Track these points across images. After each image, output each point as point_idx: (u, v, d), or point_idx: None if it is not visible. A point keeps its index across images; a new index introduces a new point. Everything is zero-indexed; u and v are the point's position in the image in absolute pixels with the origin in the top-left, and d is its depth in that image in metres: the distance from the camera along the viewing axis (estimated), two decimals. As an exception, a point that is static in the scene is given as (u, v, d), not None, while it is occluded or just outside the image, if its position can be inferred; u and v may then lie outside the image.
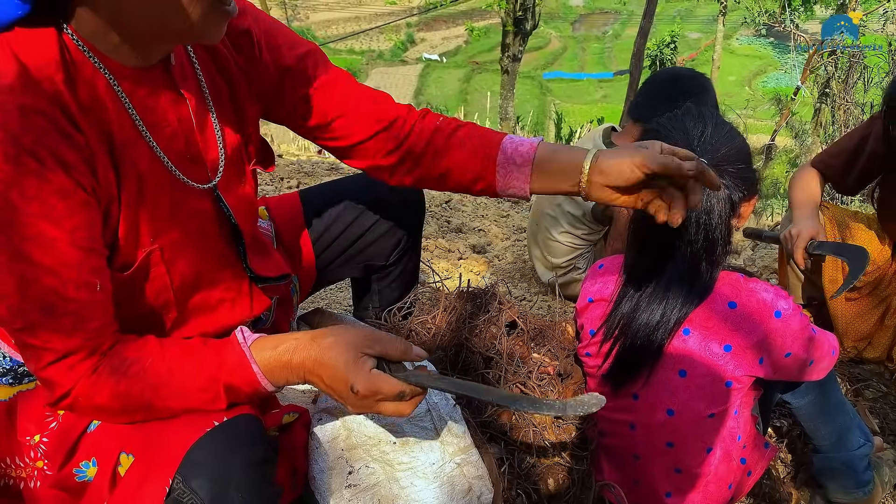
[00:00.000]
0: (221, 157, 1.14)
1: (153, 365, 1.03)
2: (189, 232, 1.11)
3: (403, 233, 1.60)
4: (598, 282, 1.55)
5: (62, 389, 0.99)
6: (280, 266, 1.34)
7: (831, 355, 1.47)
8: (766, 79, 36.75)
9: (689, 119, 1.39)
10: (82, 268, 0.95)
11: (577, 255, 2.64)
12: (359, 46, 43.25)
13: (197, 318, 1.17)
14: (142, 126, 1.02)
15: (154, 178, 1.04)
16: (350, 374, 1.02)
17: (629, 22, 43.71)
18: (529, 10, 10.06)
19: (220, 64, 1.15)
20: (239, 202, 1.19)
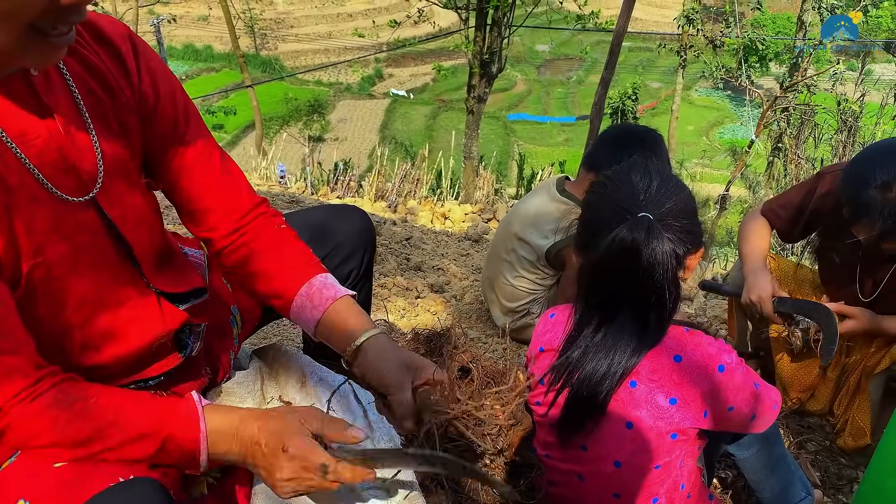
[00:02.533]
0: (100, 168, 1.10)
1: (98, 404, 1.02)
2: (78, 246, 1.07)
3: (355, 265, 1.59)
4: (549, 331, 1.57)
5: None
6: (191, 280, 1.29)
7: (772, 409, 1.51)
8: (723, 130, 37.87)
9: (635, 173, 1.42)
10: None
11: (532, 299, 2.66)
12: (326, 78, 43.40)
13: (108, 340, 1.13)
14: (6, 138, 0.99)
15: (26, 191, 1.00)
16: (286, 436, 1.07)
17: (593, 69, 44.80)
18: (496, 53, 10.27)
19: (96, 74, 1.12)
20: (126, 214, 1.15)
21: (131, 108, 1.18)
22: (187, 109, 1.28)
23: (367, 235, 1.63)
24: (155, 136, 1.23)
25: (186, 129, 1.26)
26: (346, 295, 1.31)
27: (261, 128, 17.77)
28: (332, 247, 1.55)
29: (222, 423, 1.09)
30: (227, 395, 1.44)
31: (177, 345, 1.26)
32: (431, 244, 4.43)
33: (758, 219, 2.32)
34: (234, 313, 1.49)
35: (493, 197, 9.58)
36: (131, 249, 1.17)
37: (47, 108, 1.04)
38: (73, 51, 1.10)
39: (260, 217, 1.35)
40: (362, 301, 1.67)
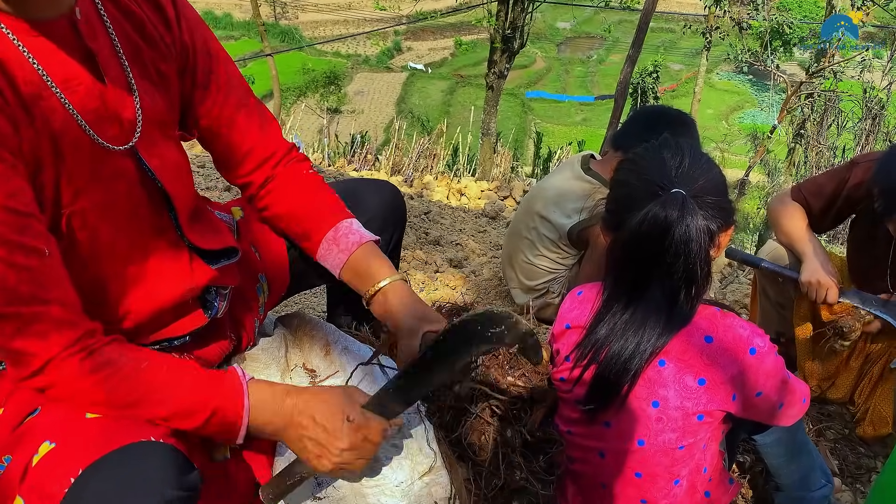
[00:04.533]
0: (139, 117, 1.10)
1: (150, 369, 1.03)
2: (115, 195, 1.08)
3: (385, 240, 1.58)
4: (576, 308, 1.55)
5: (41, 360, 0.97)
6: (224, 239, 1.31)
7: (802, 403, 1.49)
8: (743, 115, 37.44)
9: (666, 150, 1.40)
10: (25, 234, 0.93)
11: (552, 278, 2.65)
12: (345, 50, 43.16)
13: (137, 291, 1.14)
14: (51, 82, 0.98)
15: (69, 136, 1.00)
16: (347, 407, 1.11)
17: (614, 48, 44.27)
18: (518, 29, 10.15)
19: (135, 23, 1.13)
20: (165, 165, 1.15)
21: (170, 58, 1.18)
22: (224, 58, 1.29)
23: (399, 212, 1.63)
24: (194, 86, 1.23)
25: (226, 77, 1.27)
26: (371, 240, 1.38)
27: (279, 98, 17.73)
28: (363, 221, 1.54)
29: (265, 396, 1.11)
30: (252, 361, 1.44)
31: (202, 305, 1.26)
32: (449, 219, 4.41)
33: (791, 203, 2.28)
34: (261, 281, 1.49)
35: (510, 175, 9.54)
36: (170, 200, 1.17)
37: (91, 54, 1.03)
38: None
39: (292, 162, 1.39)
40: None
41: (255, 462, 1.29)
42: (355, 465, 1.13)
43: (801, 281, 2.14)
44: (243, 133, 1.31)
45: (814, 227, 2.30)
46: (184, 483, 0.97)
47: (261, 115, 1.34)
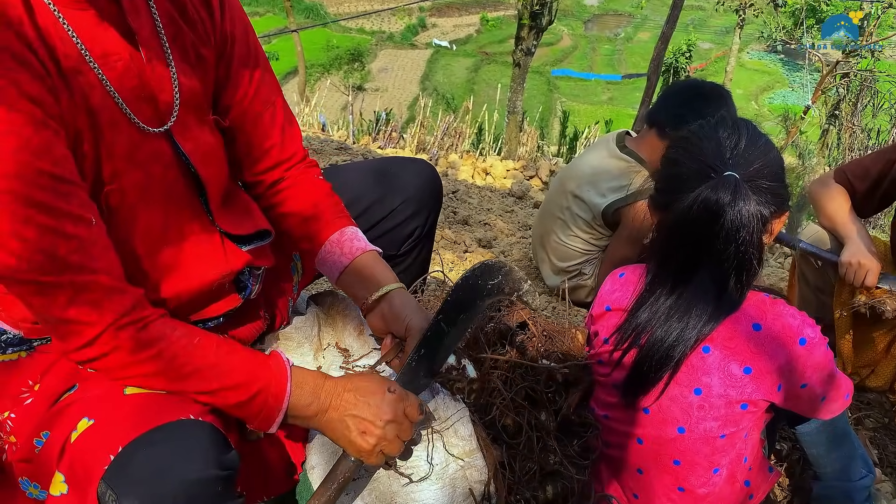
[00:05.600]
0: (176, 99, 1.08)
1: (202, 344, 1.04)
2: (151, 177, 1.06)
3: (420, 223, 1.56)
4: (618, 290, 1.52)
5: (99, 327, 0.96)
6: (256, 222, 1.29)
7: (844, 399, 1.44)
8: (773, 95, 36.80)
9: (722, 129, 1.35)
10: (72, 202, 0.91)
11: (585, 259, 2.60)
12: (369, 26, 42.98)
13: (171, 274, 1.12)
14: (90, 57, 0.96)
15: (106, 113, 0.98)
16: (385, 381, 1.13)
17: (642, 26, 43.63)
18: (547, 5, 9.98)
19: (177, 5, 1.10)
20: (198, 149, 1.13)
21: (209, 43, 1.16)
22: (260, 53, 1.27)
23: (436, 192, 1.60)
24: (229, 75, 1.21)
25: (260, 72, 1.25)
26: (374, 250, 1.35)
27: (304, 74, 17.68)
28: (399, 201, 1.53)
29: (306, 378, 1.11)
30: (285, 340, 1.42)
31: (236, 286, 1.25)
32: (477, 199, 4.37)
33: (834, 185, 2.21)
34: (295, 261, 1.47)
35: (536, 154, 9.45)
36: (202, 185, 1.15)
37: (132, 31, 1.01)
38: None
39: (303, 166, 1.36)
40: (422, 261, 1.64)
41: (289, 442, 1.28)
42: (394, 446, 1.12)
43: (841, 261, 2.08)
44: (265, 131, 1.28)
45: (857, 210, 2.22)
46: (223, 462, 0.96)
47: (285, 117, 1.31)
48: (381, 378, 1.16)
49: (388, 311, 1.28)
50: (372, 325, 1.33)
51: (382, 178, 1.50)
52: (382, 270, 1.32)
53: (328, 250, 1.32)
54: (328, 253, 1.32)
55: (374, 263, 1.32)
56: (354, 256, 1.31)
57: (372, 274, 1.30)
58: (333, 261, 1.32)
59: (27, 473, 1.07)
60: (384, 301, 1.28)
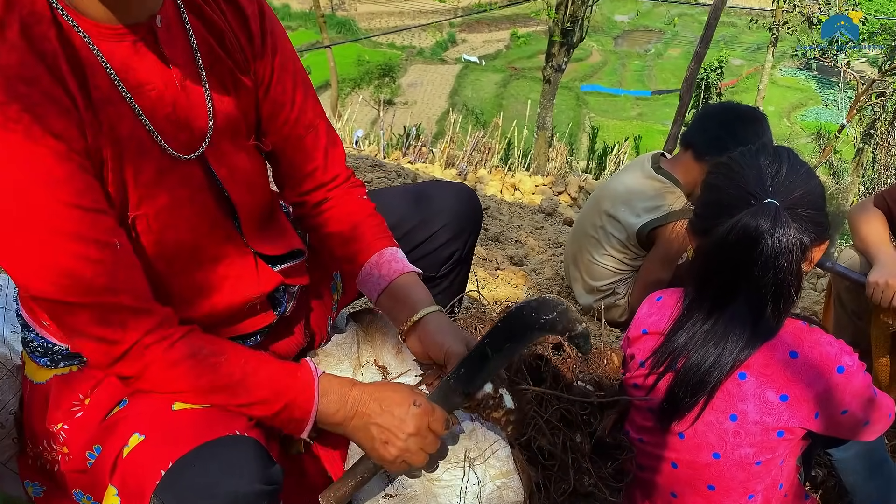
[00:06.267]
0: (210, 126, 1.11)
1: (230, 361, 1.06)
2: (180, 200, 1.09)
3: (458, 246, 1.58)
4: (655, 314, 1.52)
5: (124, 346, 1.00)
6: (289, 242, 1.31)
7: (888, 419, 1.43)
8: (806, 113, 36.32)
9: (763, 156, 1.36)
10: (96, 228, 0.96)
11: (618, 279, 2.61)
12: (400, 42, 43.34)
13: (202, 296, 1.15)
14: (122, 88, 0.99)
15: (135, 142, 1.01)
16: (412, 394, 1.12)
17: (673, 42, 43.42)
18: (578, 22, 10.01)
19: (216, 33, 1.13)
20: (233, 174, 1.16)
21: (249, 70, 1.18)
22: (303, 77, 1.29)
23: (475, 218, 1.61)
24: (270, 102, 1.23)
25: (302, 98, 1.27)
26: (413, 271, 1.35)
27: (336, 89, 17.89)
28: (439, 225, 1.54)
29: (332, 386, 1.12)
30: (325, 357, 1.45)
31: (271, 303, 1.28)
32: (507, 215, 4.38)
33: (872, 209, 2.19)
34: (335, 280, 1.49)
35: (566, 170, 9.44)
36: (234, 208, 1.18)
37: (167, 60, 1.04)
38: (196, 6, 1.10)
39: (347, 186, 1.38)
40: (460, 283, 1.66)
41: (328, 457, 1.30)
42: (418, 457, 1.12)
43: (868, 281, 2.06)
44: (308, 154, 1.31)
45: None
46: (268, 476, 0.99)
47: (328, 139, 1.33)
48: (409, 390, 1.16)
49: (424, 335, 1.27)
50: (410, 349, 1.34)
51: (423, 202, 1.53)
52: (420, 293, 1.32)
53: (368, 271, 1.34)
54: (368, 274, 1.34)
55: (411, 286, 1.32)
56: (393, 278, 1.32)
57: (409, 296, 1.31)
58: (373, 282, 1.33)
59: (80, 485, 1.11)
60: (421, 325, 1.28)
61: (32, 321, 1.15)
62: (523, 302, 1.17)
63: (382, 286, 1.32)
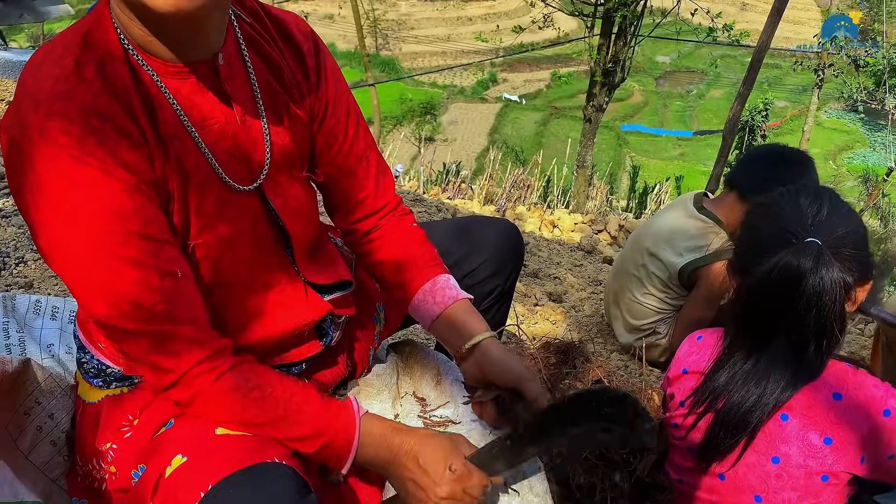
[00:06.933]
0: (267, 159, 1.15)
1: (274, 396, 1.09)
2: (238, 231, 1.13)
3: (500, 282, 1.59)
4: (695, 353, 1.51)
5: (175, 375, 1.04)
6: (339, 272, 1.35)
7: None
8: (853, 155, 35.66)
9: (804, 197, 1.35)
10: (159, 257, 1.00)
11: (659, 318, 2.58)
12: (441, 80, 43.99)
13: (255, 322, 1.19)
14: (187, 123, 1.04)
15: (200, 174, 1.06)
16: (451, 455, 1.13)
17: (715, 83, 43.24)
18: (620, 62, 10.06)
19: (274, 68, 1.17)
20: (288, 204, 1.20)
21: (304, 104, 1.23)
22: (356, 110, 1.34)
23: (518, 253, 1.63)
24: (324, 134, 1.28)
25: (354, 130, 1.32)
26: (467, 298, 1.37)
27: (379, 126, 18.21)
28: (481, 260, 1.55)
29: (374, 431, 1.14)
30: (366, 387, 1.47)
31: (318, 333, 1.31)
32: (546, 252, 4.38)
33: None
34: (378, 311, 1.52)
35: (605, 208, 9.40)
36: (288, 238, 1.22)
37: (228, 96, 1.09)
38: (256, 44, 1.16)
39: (397, 214, 1.41)
40: (499, 320, 1.67)
41: (365, 490, 1.31)
42: None
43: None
44: (360, 184, 1.35)
45: None
46: None
47: (378, 169, 1.37)
48: (451, 447, 1.16)
49: (484, 359, 1.29)
50: (467, 373, 1.35)
51: (466, 236, 1.55)
52: (475, 319, 1.34)
53: (421, 298, 1.36)
54: (421, 301, 1.36)
55: (466, 312, 1.35)
56: (447, 305, 1.34)
57: (464, 322, 1.33)
58: (426, 308, 1.36)
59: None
60: (478, 349, 1.30)
61: (89, 343, 1.20)
62: (586, 390, 1.16)
63: (437, 312, 1.35)
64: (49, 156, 0.92)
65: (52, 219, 0.94)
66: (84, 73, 0.95)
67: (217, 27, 1.05)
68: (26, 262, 2.10)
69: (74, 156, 0.92)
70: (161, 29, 0.98)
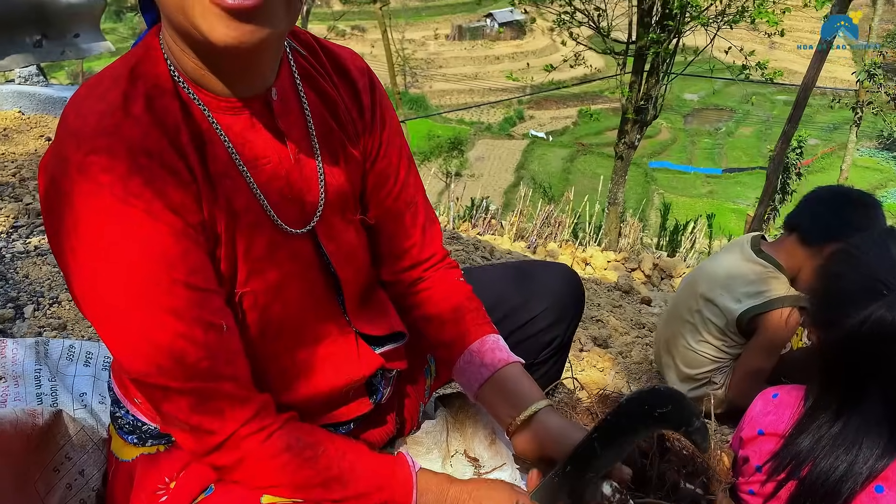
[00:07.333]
0: (321, 200, 1.07)
1: (327, 455, 1.01)
2: (288, 277, 1.04)
3: (560, 332, 1.48)
4: (772, 413, 1.39)
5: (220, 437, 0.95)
6: (391, 323, 1.25)
7: None
8: (887, 193, 35.17)
9: (893, 242, 1.24)
10: (204, 309, 0.91)
11: (715, 367, 2.45)
12: (469, 117, 44.40)
13: (302, 376, 1.10)
14: (239, 161, 0.97)
15: (250, 216, 0.98)
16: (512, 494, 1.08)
17: (744, 121, 43.11)
18: (652, 99, 10.01)
19: (330, 104, 1.10)
20: (340, 249, 1.12)
21: (358, 143, 1.15)
22: (407, 152, 1.26)
23: (579, 302, 1.52)
24: (375, 174, 1.20)
25: (405, 174, 1.24)
26: (518, 361, 1.26)
27: (407, 161, 18.31)
28: (540, 308, 1.45)
29: (430, 485, 1.08)
30: (415, 445, 1.38)
31: (367, 389, 1.22)
32: (587, 292, 4.26)
33: None
34: (429, 363, 1.43)
35: (639, 246, 9.27)
36: (339, 285, 1.13)
37: (281, 133, 1.02)
38: (311, 79, 1.08)
39: (443, 267, 1.32)
40: (555, 372, 1.57)
41: None
42: None
43: None
44: (406, 231, 1.26)
45: None
46: None
47: (426, 217, 1.29)
48: (509, 489, 1.09)
49: (542, 432, 1.17)
50: (520, 449, 1.22)
51: (524, 282, 1.45)
52: (528, 385, 1.22)
53: (468, 360, 1.25)
54: (468, 363, 1.25)
55: (519, 377, 1.23)
56: (497, 368, 1.22)
57: (518, 389, 1.21)
58: (473, 372, 1.24)
59: None
60: (535, 421, 1.18)
61: (124, 397, 1.12)
62: (635, 393, 1.09)
63: (485, 376, 1.23)
64: (89, 194, 0.84)
65: (89, 263, 0.86)
66: (131, 107, 0.88)
67: (272, 60, 0.97)
68: (60, 303, 2.05)
69: (117, 195, 0.84)
70: (216, 62, 0.92)
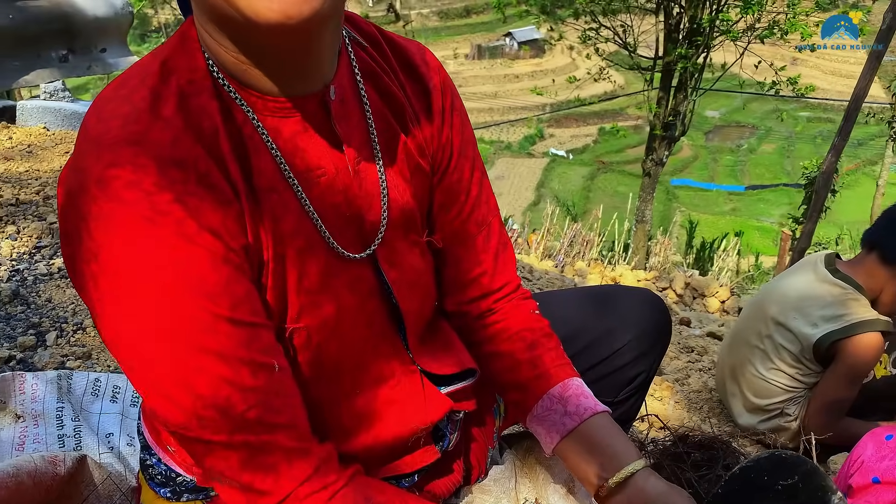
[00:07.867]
0: (384, 219, 0.90)
1: None
2: (345, 310, 0.88)
3: (645, 367, 1.29)
4: (887, 458, 1.21)
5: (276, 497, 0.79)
6: (461, 359, 1.08)
7: None
8: (916, 211, 34.55)
9: None
10: (252, 347, 0.75)
11: (789, 397, 2.25)
12: (488, 136, 44.34)
13: (363, 423, 0.94)
14: (288, 173, 0.80)
15: (301, 238, 0.82)
16: None
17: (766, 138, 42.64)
18: (680, 116, 9.84)
19: (395, 108, 0.93)
20: (404, 276, 0.95)
21: (426, 152, 0.98)
22: (480, 166, 1.08)
23: (665, 332, 1.33)
24: (444, 190, 1.02)
25: (477, 190, 1.06)
26: (605, 411, 1.06)
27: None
28: (625, 340, 1.26)
29: None
30: (482, 494, 1.20)
31: (433, 435, 1.05)
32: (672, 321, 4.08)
33: None
34: (498, 402, 1.26)
35: (670, 265, 9.05)
36: (401, 318, 0.96)
37: (338, 139, 0.85)
38: (374, 76, 0.92)
39: (516, 298, 1.13)
40: (633, 412, 1.38)
41: None
42: None
43: None
44: (476, 256, 1.08)
45: None
46: None
47: (500, 241, 1.11)
48: None
49: (639, 497, 0.98)
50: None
51: (606, 310, 1.27)
52: (622, 441, 1.03)
53: (548, 407, 1.07)
54: (548, 410, 1.07)
55: (609, 429, 1.04)
56: (583, 418, 1.04)
57: (609, 444, 1.02)
58: (555, 421, 1.06)
59: None
60: (630, 485, 0.98)
61: (156, 444, 0.96)
62: (751, 459, 0.93)
63: (569, 427, 1.04)
64: (110, 214, 0.68)
65: (112, 295, 0.70)
66: (161, 108, 0.73)
67: (329, 48, 0.80)
68: (85, 329, 1.91)
69: (145, 216, 0.69)
70: (260, 52, 0.75)
